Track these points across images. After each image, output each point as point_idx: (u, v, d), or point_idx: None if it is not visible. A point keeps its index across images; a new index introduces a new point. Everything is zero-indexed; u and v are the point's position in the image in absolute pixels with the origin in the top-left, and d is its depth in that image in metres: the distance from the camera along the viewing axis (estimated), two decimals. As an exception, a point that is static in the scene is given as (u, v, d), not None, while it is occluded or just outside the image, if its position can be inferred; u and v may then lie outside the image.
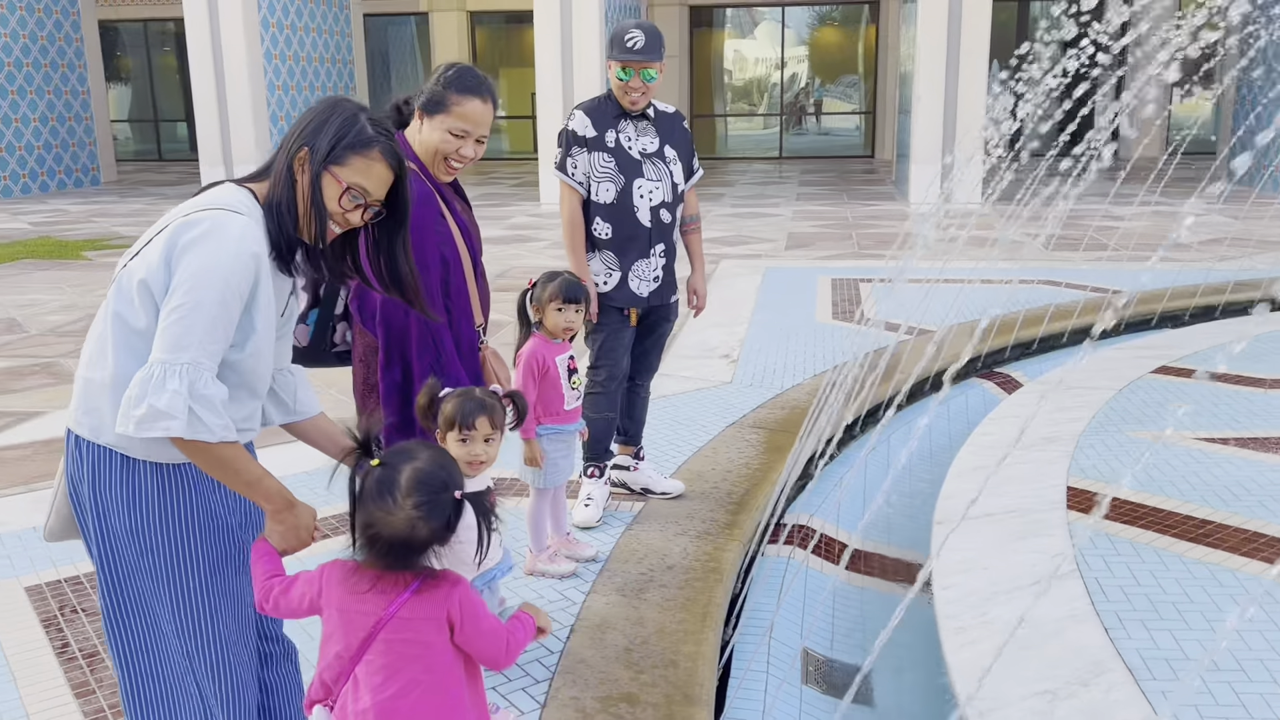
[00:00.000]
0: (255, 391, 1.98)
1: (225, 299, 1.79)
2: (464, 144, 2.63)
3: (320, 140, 1.90)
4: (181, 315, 1.76)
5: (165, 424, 1.73)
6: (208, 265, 1.78)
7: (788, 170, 19.30)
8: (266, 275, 1.88)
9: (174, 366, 1.74)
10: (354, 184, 1.91)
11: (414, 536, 1.63)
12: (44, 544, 3.60)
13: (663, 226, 3.73)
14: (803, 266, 9.10)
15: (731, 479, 4.20)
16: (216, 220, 1.82)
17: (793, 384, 5.55)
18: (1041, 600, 3.05)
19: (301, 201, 1.91)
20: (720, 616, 3.16)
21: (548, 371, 3.24)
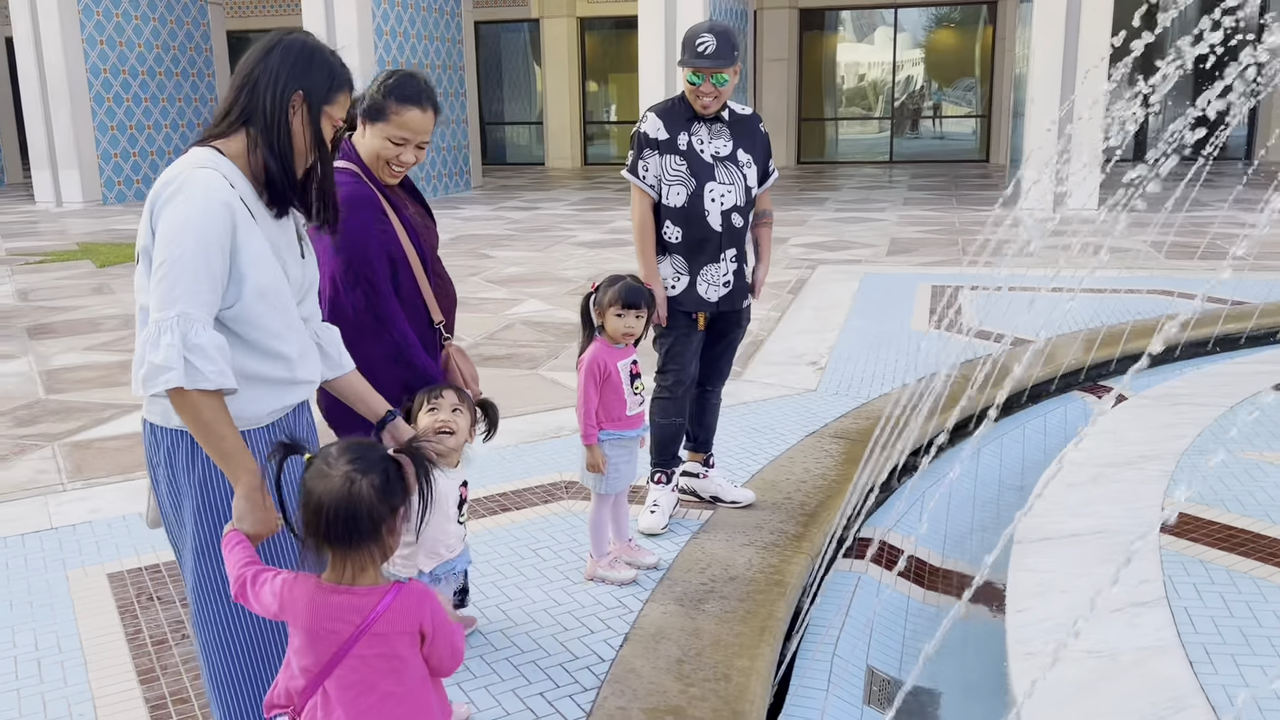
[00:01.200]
0: (279, 351, 2.00)
1: (202, 249, 1.84)
2: (404, 150, 2.68)
3: (313, 82, 1.97)
4: (165, 272, 1.84)
5: (165, 376, 1.79)
6: (181, 219, 1.85)
7: (898, 175, 18.90)
8: (246, 222, 1.93)
9: (166, 322, 1.81)
10: (339, 118, 2.05)
11: (355, 495, 1.60)
12: (130, 532, 3.75)
13: (734, 231, 3.66)
14: (903, 273, 8.87)
15: (805, 490, 4.10)
16: (182, 178, 1.89)
17: (880, 393, 5.40)
18: (1123, 628, 2.87)
19: (300, 140, 1.99)
20: (780, 631, 3.07)
21: (609, 376, 3.21)
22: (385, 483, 1.62)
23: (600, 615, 3.14)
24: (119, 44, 16.19)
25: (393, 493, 1.63)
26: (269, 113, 1.95)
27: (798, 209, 13.72)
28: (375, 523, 1.62)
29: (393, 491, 1.63)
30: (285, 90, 1.95)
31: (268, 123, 1.95)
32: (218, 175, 1.90)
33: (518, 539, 3.68)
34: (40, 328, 7.31)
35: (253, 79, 1.95)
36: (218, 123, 2.01)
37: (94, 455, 4.63)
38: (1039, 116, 12.88)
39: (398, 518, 1.66)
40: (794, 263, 9.50)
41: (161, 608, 3.20)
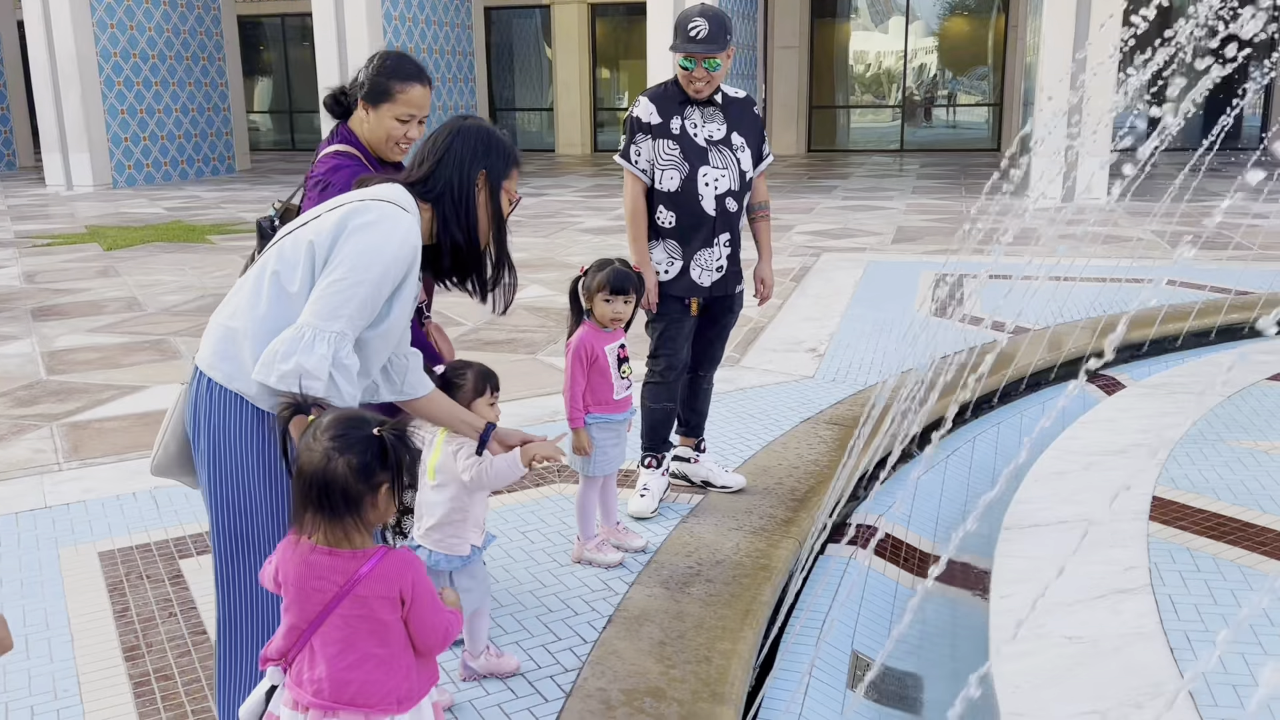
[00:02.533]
0: (368, 371, 2.15)
1: (380, 283, 2.00)
2: (409, 127, 2.78)
3: (494, 162, 2.21)
4: (341, 289, 1.96)
5: (309, 383, 1.91)
6: (375, 249, 2.00)
7: (908, 163, 18.82)
8: (415, 272, 2.10)
9: (324, 332, 1.93)
10: (514, 192, 2.28)
11: (331, 472, 1.63)
12: (123, 511, 3.78)
13: (728, 215, 3.65)
14: (907, 261, 8.84)
15: (797, 475, 4.10)
16: (387, 212, 2.05)
17: (878, 380, 5.38)
18: (1106, 614, 2.86)
19: (483, 214, 2.21)
20: (764, 615, 3.08)
21: (596, 360, 3.22)
22: (363, 463, 1.64)
23: (585, 597, 3.16)
24: (129, 27, 16.22)
25: (370, 472, 1.64)
26: (457, 190, 2.17)
27: (806, 196, 13.68)
28: (352, 499, 1.65)
29: (370, 471, 1.65)
30: (472, 170, 2.18)
31: (455, 199, 2.17)
32: (417, 224, 2.10)
33: (507, 521, 3.70)
34: (45, 309, 7.36)
35: (441, 162, 2.18)
36: (414, 184, 2.19)
37: (91, 436, 4.66)
38: (1049, 105, 12.79)
39: (380, 494, 1.67)
40: (798, 250, 9.48)
41: (150, 586, 3.22)
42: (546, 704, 2.62)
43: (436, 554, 2.55)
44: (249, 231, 11.08)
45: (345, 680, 1.67)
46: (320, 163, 2.75)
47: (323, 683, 1.68)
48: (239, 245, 10.16)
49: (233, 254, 9.64)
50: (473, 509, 2.57)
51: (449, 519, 2.54)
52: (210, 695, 2.61)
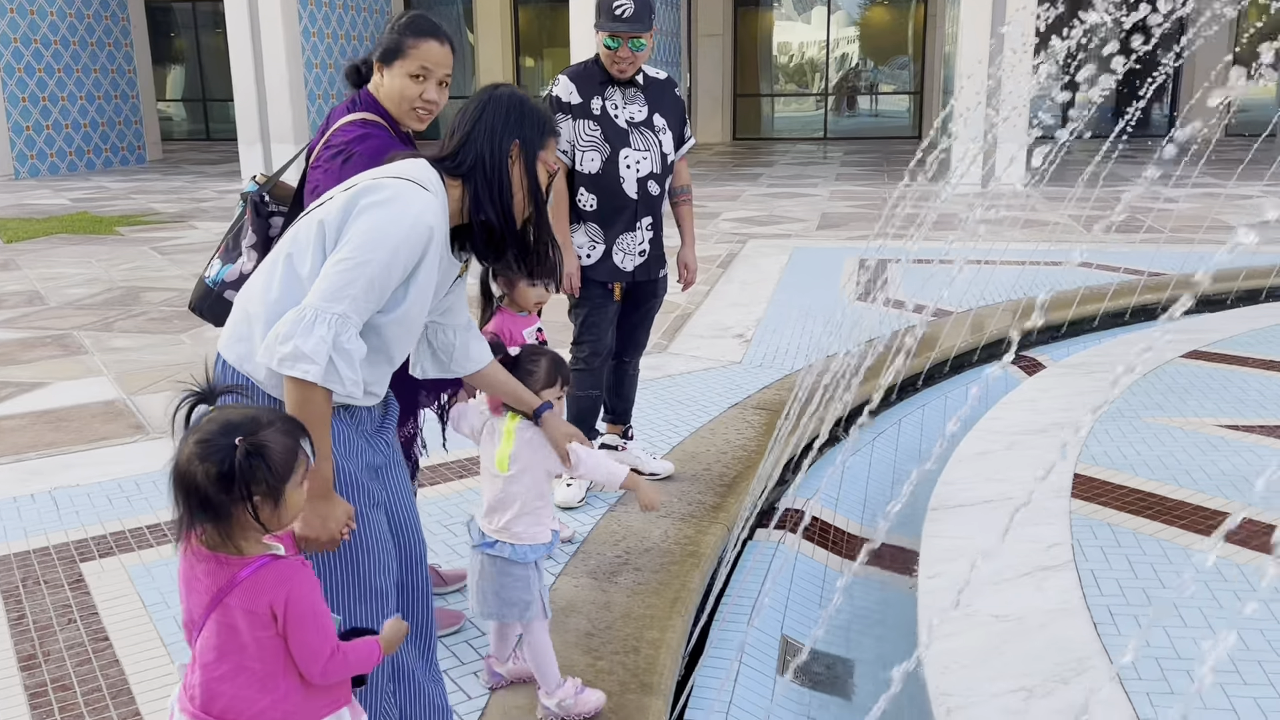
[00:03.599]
0: (391, 358, 2.02)
1: (390, 264, 1.86)
2: (426, 87, 2.57)
3: (529, 132, 2.04)
4: (346, 269, 1.84)
5: (305, 366, 1.79)
6: (384, 228, 1.86)
7: (832, 151, 18.98)
8: (435, 253, 1.95)
9: (325, 314, 1.81)
10: (552, 163, 2.11)
11: (189, 477, 1.53)
12: (19, 515, 3.59)
13: (650, 199, 3.59)
14: (832, 246, 8.89)
15: (725, 460, 4.06)
16: (402, 190, 1.90)
17: (805, 364, 5.38)
18: (1031, 592, 2.88)
19: (519, 188, 2.04)
20: (692, 602, 3.03)
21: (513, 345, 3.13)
22: (220, 473, 1.52)
23: (510, 590, 3.07)
24: (30, 12, 15.53)
25: (227, 484, 1.52)
26: (489, 164, 2.01)
27: (731, 184, 13.70)
28: (213, 507, 1.53)
29: (227, 483, 1.52)
30: (504, 141, 2.02)
31: (487, 173, 2.01)
32: (436, 202, 1.94)
33: (430, 515, 3.59)
34: (-61, 305, 7.00)
35: (471, 135, 2.02)
36: (443, 159, 2.04)
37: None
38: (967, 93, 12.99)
39: (253, 504, 1.55)
40: (724, 237, 9.47)
41: (49, 591, 3.05)
42: (470, 700, 2.54)
43: (520, 547, 2.42)
44: (160, 222, 10.71)
45: (216, 692, 1.56)
46: (341, 131, 2.53)
47: (196, 690, 1.58)
48: (150, 237, 9.80)
49: (142, 245, 9.29)
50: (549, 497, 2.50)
51: (530, 507, 2.42)
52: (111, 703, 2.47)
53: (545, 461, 2.42)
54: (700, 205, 10.98)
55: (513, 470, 2.40)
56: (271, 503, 1.57)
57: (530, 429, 2.40)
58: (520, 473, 2.40)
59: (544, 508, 2.46)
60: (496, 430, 2.45)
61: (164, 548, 3.38)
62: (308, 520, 1.85)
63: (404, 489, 2.22)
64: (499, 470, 2.41)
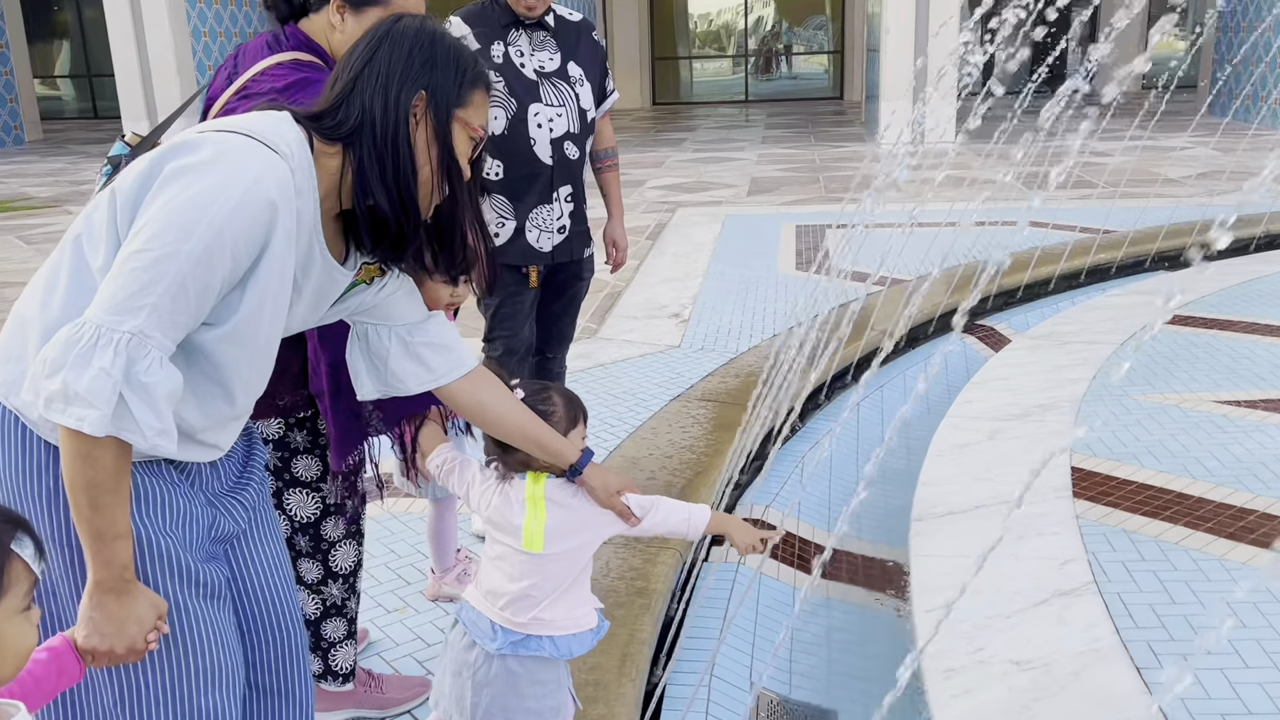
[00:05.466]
0: (230, 394, 1.42)
1: (208, 256, 1.27)
2: None
3: (440, 78, 1.45)
4: (142, 265, 1.25)
5: (79, 412, 1.23)
6: (197, 204, 1.27)
7: (754, 114, 18.49)
8: (284, 241, 1.35)
9: (111, 334, 1.24)
10: (479, 126, 1.50)
11: None
12: None
13: (568, 164, 2.99)
14: (766, 213, 8.38)
15: (672, 465, 3.52)
16: (229, 149, 1.31)
17: (749, 346, 4.86)
18: (1052, 626, 2.39)
19: (423, 159, 1.45)
20: (645, 658, 2.48)
21: None
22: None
23: (418, 655, 2.49)
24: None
25: None
26: (380, 124, 1.41)
27: (655, 150, 13.11)
28: None
29: None
30: (403, 91, 1.42)
31: (379, 139, 1.41)
32: (284, 168, 1.33)
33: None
34: None
35: (356, 83, 1.43)
36: (317, 117, 1.44)
37: None
38: (894, 49, 12.58)
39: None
40: (652, 206, 8.89)
41: None
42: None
43: (564, 639, 1.80)
44: (31, 209, 9.74)
45: None
46: (269, 75, 1.89)
47: None
48: (22, 225, 8.86)
49: (10, 235, 8.37)
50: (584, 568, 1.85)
51: (576, 586, 1.81)
52: None
53: (599, 527, 1.80)
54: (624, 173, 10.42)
55: (551, 549, 1.78)
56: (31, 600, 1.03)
57: (567, 488, 1.79)
58: (558, 553, 1.78)
59: (584, 579, 1.85)
60: (512, 498, 1.80)
61: None
62: (96, 625, 1.29)
63: (269, 565, 1.61)
64: (529, 549, 1.78)
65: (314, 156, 1.41)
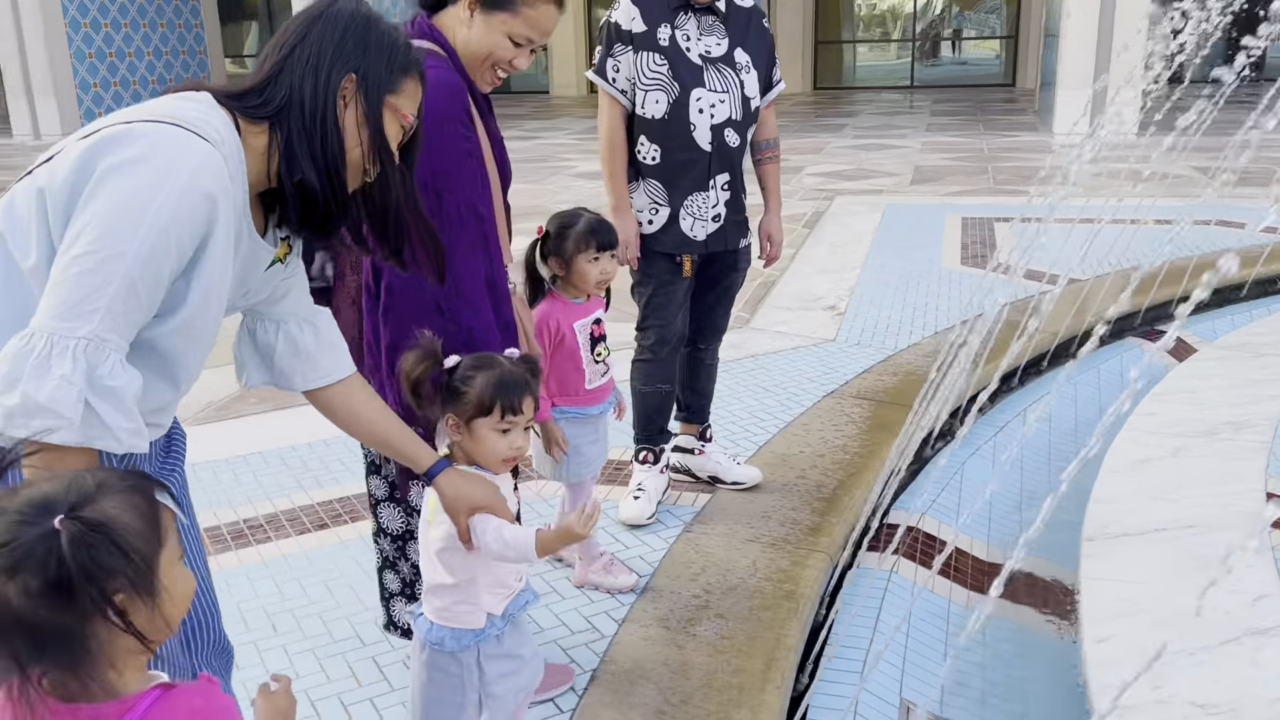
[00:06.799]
0: (175, 379, 1.44)
1: (155, 255, 1.27)
2: (520, 53, 2.05)
3: (372, 63, 1.46)
4: (88, 269, 1.24)
5: (44, 422, 1.21)
6: (137, 202, 1.25)
7: (919, 100, 17.91)
8: (224, 231, 1.35)
9: (66, 341, 1.23)
10: (410, 114, 1.52)
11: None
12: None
13: (727, 151, 2.91)
14: (929, 204, 8.08)
15: (823, 465, 3.41)
16: (161, 140, 1.29)
17: (909, 343, 4.68)
18: (1243, 667, 2.18)
19: (353, 140, 1.46)
20: (791, 664, 2.40)
21: (562, 340, 2.52)
22: (50, 583, 0.94)
23: (563, 642, 2.48)
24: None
25: (65, 594, 0.95)
26: (309, 103, 1.42)
27: (814, 135, 12.85)
28: (54, 639, 0.96)
29: (65, 591, 0.95)
30: (333, 73, 1.44)
31: (308, 118, 1.42)
32: (217, 157, 1.33)
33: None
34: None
35: (286, 62, 1.44)
36: (241, 95, 1.44)
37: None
38: (1075, 33, 11.90)
39: (124, 608, 0.98)
40: (809, 193, 8.71)
41: None
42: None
43: (439, 628, 1.78)
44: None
45: None
46: None
47: None
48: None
49: None
50: (489, 564, 1.78)
51: (454, 578, 1.78)
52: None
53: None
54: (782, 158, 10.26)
55: (440, 523, 1.74)
56: (145, 597, 1.00)
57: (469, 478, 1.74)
58: (448, 535, 1.74)
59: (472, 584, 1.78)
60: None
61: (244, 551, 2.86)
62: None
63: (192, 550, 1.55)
64: (427, 515, 1.79)
65: (241, 138, 1.41)
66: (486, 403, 1.70)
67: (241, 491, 3.38)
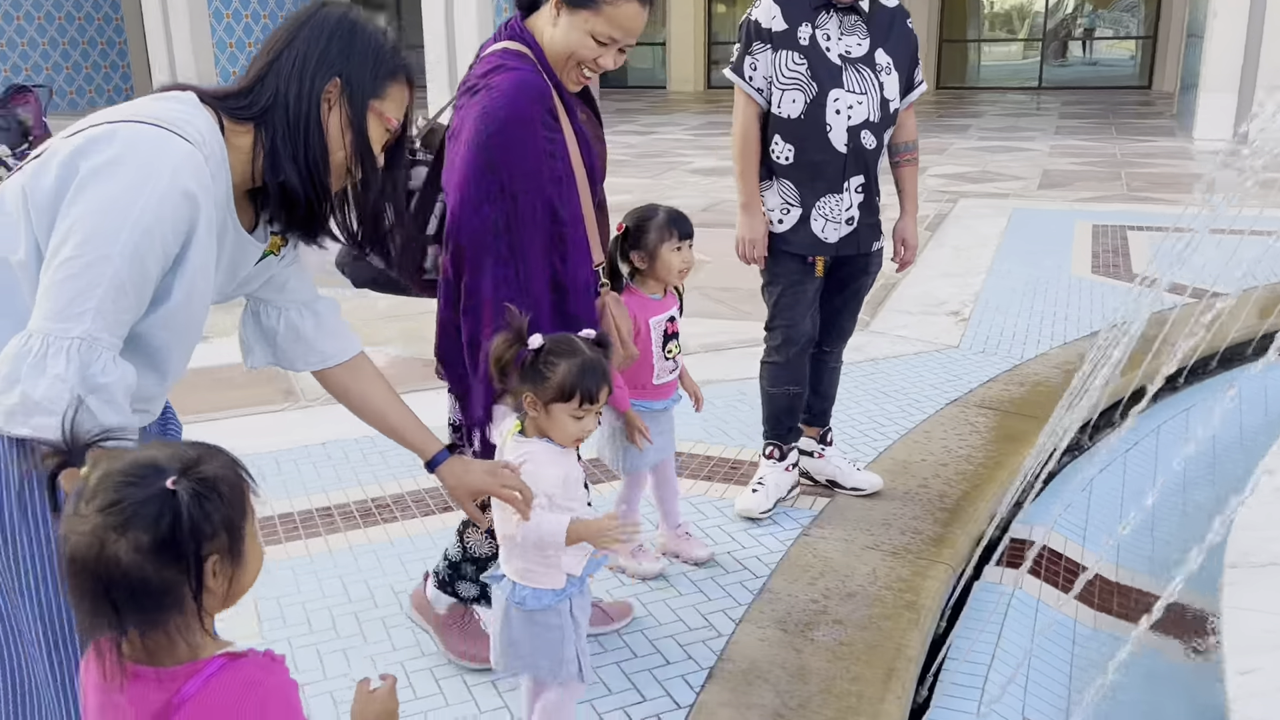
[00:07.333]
0: (163, 371, 1.51)
1: (139, 254, 1.33)
2: (606, 52, 2.04)
3: (356, 68, 1.51)
4: (75, 271, 1.30)
5: (42, 420, 1.28)
6: (118, 204, 1.31)
7: (1047, 101, 17.34)
8: (207, 228, 1.41)
9: (60, 342, 1.30)
10: (394, 119, 1.57)
11: (108, 562, 0.99)
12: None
13: (863, 153, 2.86)
14: (1058, 209, 7.82)
15: (946, 475, 3.33)
16: (139, 140, 1.34)
17: (1036, 353, 4.54)
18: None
19: (336, 144, 1.51)
20: (911, 675, 2.36)
21: (638, 335, 2.55)
22: (162, 539, 1.00)
23: (680, 638, 2.49)
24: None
25: (175, 549, 1.00)
26: (293, 106, 1.48)
27: (937, 136, 12.56)
28: (153, 596, 1.01)
29: (175, 547, 1.00)
30: (317, 77, 1.49)
31: (292, 121, 1.48)
32: (198, 157, 1.38)
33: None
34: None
35: (273, 66, 1.50)
36: (226, 96, 1.51)
37: None
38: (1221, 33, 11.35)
39: (215, 569, 1.04)
40: (932, 195, 8.53)
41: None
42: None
43: (521, 588, 1.86)
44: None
45: None
46: (481, 63, 2.05)
47: None
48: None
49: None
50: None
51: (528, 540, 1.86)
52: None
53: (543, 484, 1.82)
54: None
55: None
56: (232, 560, 1.06)
57: (531, 444, 1.84)
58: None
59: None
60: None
61: (292, 544, 2.98)
62: None
63: None
64: None
65: (225, 138, 1.45)
66: (567, 390, 1.78)
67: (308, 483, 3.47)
